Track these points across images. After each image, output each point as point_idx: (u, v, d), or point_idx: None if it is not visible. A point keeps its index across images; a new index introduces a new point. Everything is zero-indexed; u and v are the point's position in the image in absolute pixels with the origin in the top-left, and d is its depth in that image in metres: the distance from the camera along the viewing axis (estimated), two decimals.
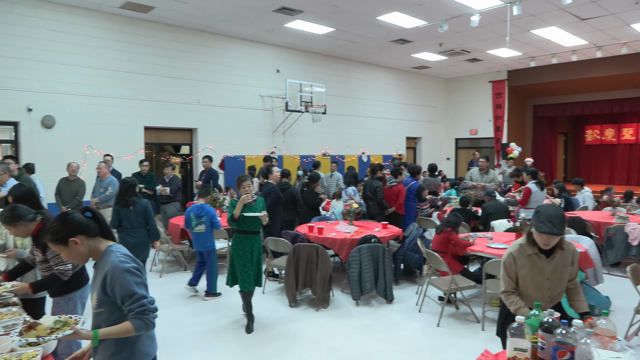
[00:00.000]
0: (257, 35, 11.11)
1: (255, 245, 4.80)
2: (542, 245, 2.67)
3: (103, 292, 2.10)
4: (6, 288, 3.04)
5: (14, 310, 2.92)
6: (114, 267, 2.08)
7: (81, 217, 2.16)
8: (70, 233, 2.10)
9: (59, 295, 3.27)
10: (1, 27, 8.05)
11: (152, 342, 2.28)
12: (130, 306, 2.06)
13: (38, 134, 8.48)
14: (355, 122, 14.12)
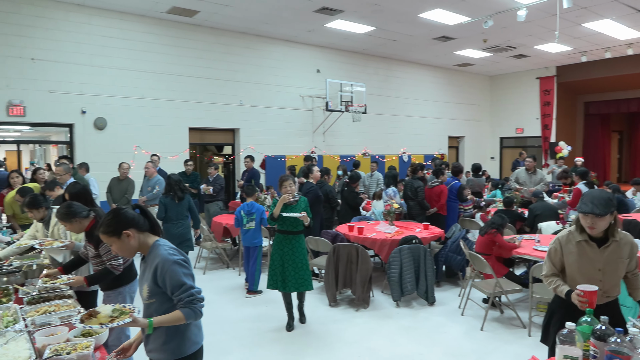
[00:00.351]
0: (297, 36, 11.20)
1: (296, 246, 4.73)
2: (588, 228, 2.57)
3: (154, 284, 2.22)
4: (63, 281, 3.21)
5: (69, 302, 3.08)
6: (164, 260, 2.20)
7: (133, 213, 2.30)
8: (124, 226, 2.23)
9: (110, 289, 3.42)
10: (58, 34, 8.52)
11: (200, 331, 2.38)
12: (180, 296, 2.17)
13: (91, 135, 8.92)
14: (395, 122, 13.97)
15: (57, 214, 3.36)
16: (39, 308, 2.95)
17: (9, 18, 8.07)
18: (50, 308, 2.94)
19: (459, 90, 15.81)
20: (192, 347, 2.31)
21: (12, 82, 8.14)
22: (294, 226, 4.71)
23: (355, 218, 7.32)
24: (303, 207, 4.75)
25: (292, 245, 4.72)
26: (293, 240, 4.73)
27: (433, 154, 14.64)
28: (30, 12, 8.25)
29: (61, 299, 3.18)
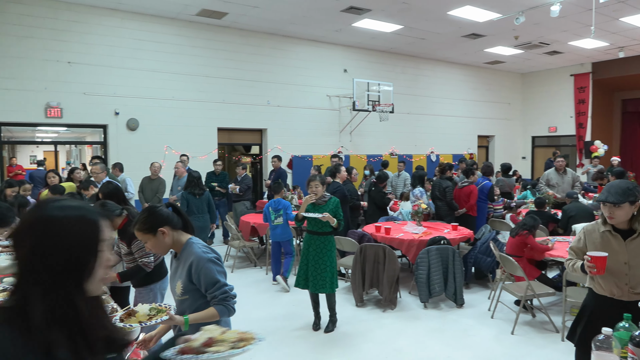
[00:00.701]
0: (325, 36, 11.21)
1: (322, 247, 4.67)
2: (607, 218, 2.58)
3: (189, 281, 2.28)
4: None
5: (103, 297, 3.17)
6: (199, 258, 2.26)
7: (167, 211, 2.36)
8: (159, 223, 2.29)
9: (141, 286, 3.51)
10: (93, 38, 8.80)
11: (229, 328, 2.39)
12: (214, 293, 2.25)
13: (124, 136, 9.17)
14: (423, 121, 13.81)
15: None
16: None
17: (48, 23, 8.38)
18: None
19: (489, 89, 15.49)
20: None
21: (50, 85, 8.46)
22: (319, 227, 4.66)
23: (382, 218, 7.27)
24: (331, 208, 4.66)
25: (316, 245, 4.68)
26: (318, 241, 4.69)
27: (462, 154, 14.39)
28: (67, 17, 8.54)
29: None
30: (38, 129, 11.02)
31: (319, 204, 4.66)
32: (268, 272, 6.94)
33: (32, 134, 14.00)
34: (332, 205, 4.66)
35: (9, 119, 8.29)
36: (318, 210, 4.63)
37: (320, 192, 4.66)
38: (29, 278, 0.96)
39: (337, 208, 4.66)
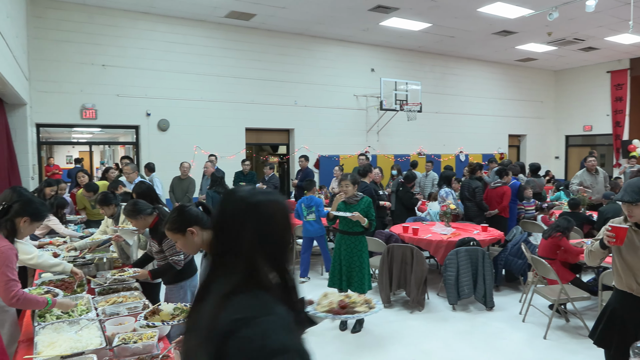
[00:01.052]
0: (352, 35, 11.19)
1: (352, 247, 4.68)
2: (627, 216, 2.63)
3: None
4: (129, 273, 3.43)
5: (135, 294, 3.27)
6: None
7: (197, 210, 2.38)
8: (188, 223, 2.31)
9: (172, 283, 3.58)
10: (126, 41, 9.05)
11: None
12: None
13: (155, 136, 9.39)
14: (452, 120, 13.60)
15: (124, 211, 3.57)
16: (108, 299, 3.15)
17: (84, 28, 8.67)
18: (118, 299, 3.14)
19: (521, 87, 15.12)
20: None
21: (85, 87, 8.74)
22: (350, 226, 4.66)
23: (410, 218, 7.21)
24: (362, 208, 4.61)
25: (347, 245, 4.69)
26: (348, 241, 4.69)
27: (492, 154, 14.10)
28: (101, 21, 8.81)
29: (128, 290, 3.38)
30: (74, 130, 11.40)
31: (350, 203, 4.65)
32: (295, 271, 6.98)
33: (69, 135, 14.51)
34: (364, 205, 4.63)
35: (47, 121, 8.61)
36: (349, 209, 4.62)
37: (351, 191, 4.64)
38: (256, 253, 1.17)
39: (368, 208, 4.62)
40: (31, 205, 2.77)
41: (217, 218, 1.24)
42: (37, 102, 8.32)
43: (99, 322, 2.69)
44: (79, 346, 2.36)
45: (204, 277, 1.23)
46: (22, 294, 2.58)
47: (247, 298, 1.11)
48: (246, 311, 1.07)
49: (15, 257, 2.63)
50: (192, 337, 1.18)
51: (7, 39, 5.49)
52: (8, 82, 5.65)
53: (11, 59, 5.95)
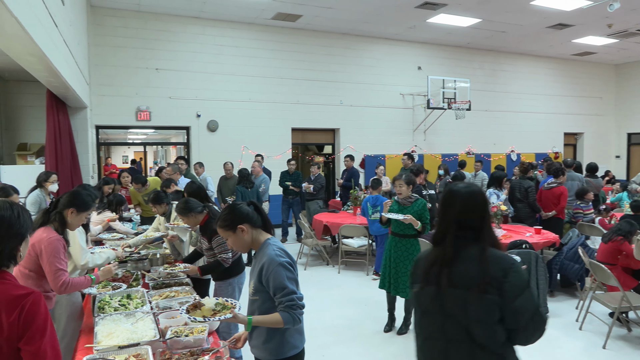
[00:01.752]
0: (398, 34, 11.05)
1: (403, 250, 4.52)
2: None
3: (259, 282, 2.26)
4: (180, 269, 3.56)
5: (186, 289, 3.39)
6: (270, 260, 2.22)
7: (248, 208, 2.37)
8: (239, 221, 2.31)
9: (220, 280, 3.68)
10: (177, 45, 9.39)
11: (300, 335, 2.38)
12: (281, 299, 2.18)
13: (204, 137, 9.69)
14: (503, 118, 13.13)
15: (176, 209, 3.71)
16: (162, 293, 3.28)
17: (139, 34, 9.07)
18: (171, 293, 3.26)
19: (577, 82, 14.36)
20: (291, 350, 2.30)
21: (140, 91, 9.15)
22: (402, 229, 4.49)
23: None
24: (416, 210, 4.46)
25: (399, 248, 4.54)
26: (400, 244, 4.54)
27: (546, 153, 13.50)
28: (155, 26, 9.19)
29: (180, 285, 3.51)
30: (129, 131, 11.95)
31: (404, 205, 4.51)
32: (340, 271, 6.99)
33: (124, 136, 15.22)
34: (418, 207, 4.48)
35: (106, 123, 9.08)
36: (403, 211, 4.48)
37: (405, 192, 4.51)
38: (455, 226, 1.78)
39: (423, 210, 4.47)
40: (77, 197, 2.91)
41: (465, 206, 1.79)
42: (97, 105, 8.79)
43: (153, 315, 2.81)
44: (134, 337, 2.47)
45: (448, 249, 1.76)
46: (69, 280, 2.71)
47: (495, 254, 1.73)
48: (505, 261, 1.70)
49: (62, 247, 2.75)
50: (457, 292, 1.71)
51: (70, 46, 5.84)
52: (71, 87, 6.01)
53: (74, 65, 6.32)
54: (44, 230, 2.77)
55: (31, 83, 7.43)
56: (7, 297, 1.53)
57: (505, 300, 1.65)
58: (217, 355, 2.36)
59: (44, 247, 2.67)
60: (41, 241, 2.69)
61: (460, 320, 1.71)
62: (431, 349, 1.82)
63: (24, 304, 1.53)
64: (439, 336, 1.78)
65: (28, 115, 8.37)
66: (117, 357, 2.22)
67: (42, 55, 4.14)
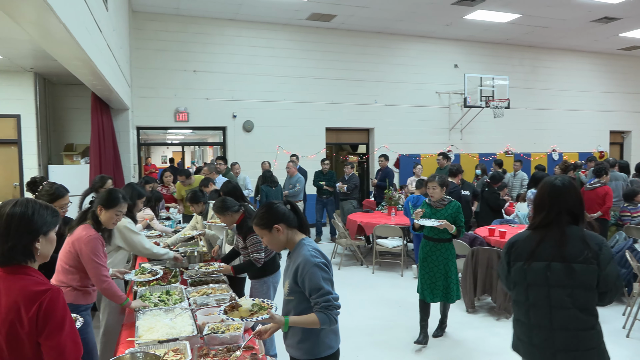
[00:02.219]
0: (434, 31, 10.88)
1: (438, 255, 4.32)
2: None
3: (294, 282, 2.27)
4: (215, 267, 3.64)
5: (223, 286, 3.46)
6: (306, 260, 2.22)
7: (284, 208, 2.37)
8: (275, 220, 2.30)
9: (255, 278, 3.73)
10: (214, 48, 9.59)
11: (336, 335, 2.38)
12: (317, 299, 2.19)
13: (240, 137, 9.85)
14: (543, 116, 12.70)
15: (213, 207, 3.78)
16: (199, 290, 3.36)
17: (178, 37, 9.32)
18: (208, 290, 3.33)
19: (625, 78, 13.70)
20: (326, 350, 2.31)
21: (179, 92, 9.40)
22: (435, 232, 4.30)
23: (496, 221, 6.85)
24: (450, 213, 4.25)
25: (432, 253, 4.34)
26: (434, 248, 4.33)
27: (590, 152, 12.96)
28: (193, 29, 9.42)
29: (216, 283, 3.58)
30: (168, 132, 12.29)
31: (436, 208, 4.31)
32: (375, 272, 6.95)
33: (163, 137, 15.68)
34: (452, 209, 4.26)
35: (146, 124, 9.38)
36: (436, 215, 4.29)
37: (439, 194, 4.28)
38: (563, 213, 2.19)
39: (457, 213, 4.26)
40: (105, 195, 3.02)
41: (574, 197, 2.21)
42: (137, 107, 9.09)
43: (190, 311, 2.88)
44: (173, 332, 2.54)
45: (559, 231, 2.17)
46: (110, 281, 2.85)
47: (590, 233, 2.18)
48: (598, 238, 2.15)
49: (101, 245, 2.87)
50: (566, 265, 2.12)
51: (113, 50, 6.06)
52: (114, 90, 6.24)
53: (117, 68, 6.56)
54: (82, 228, 2.90)
55: (77, 86, 7.76)
56: (26, 293, 1.58)
57: (599, 268, 2.09)
58: (252, 352, 2.40)
59: (83, 245, 2.80)
60: (80, 239, 2.82)
61: (565, 288, 2.13)
62: (536, 314, 2.22)
63: (42, 300, 1.57)
64: (543, 303, 2.19)
65: (74, 117, 8.76)
66: (157, 351, 2.29)
67: (87, 59, 4.32)
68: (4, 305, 1.59)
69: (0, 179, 7.48)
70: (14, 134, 7.59)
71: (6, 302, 1.58)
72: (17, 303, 1.57)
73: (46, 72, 7.62)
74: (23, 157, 7.66)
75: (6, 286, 1.61)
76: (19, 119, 7.57)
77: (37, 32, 3.49)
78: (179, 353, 2.35)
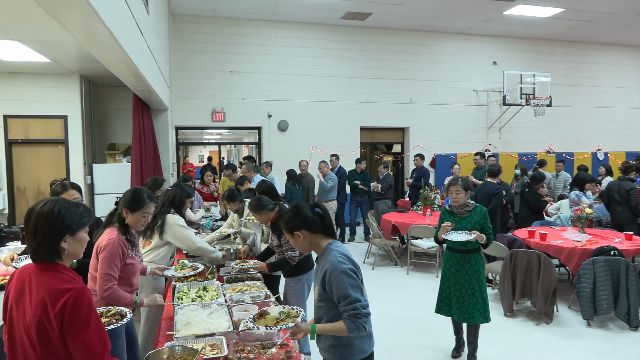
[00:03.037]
0: (472, 28, 10.63)
1: (466, 268, 3.81)
2: None
3: (322, 289, 2.23)
4: (250, 265, 3.69)
5: (258, 284, 3.50)
6: (333, 267, 2.18)
7: (308, 213, 2.32)
8: (296, 226, 2.30)
9: (290, 277, 3.76)
10: (250, 48, 9.73)
11: (369, 339, 2.35)
12: (345, 307, 2.15)
13: (275, 136, 9.95)
14: (588, 114, 12.19)
15: (249, 206, 3.84)
16: (235, 287, 3.42)
17: (215, 38, 9.51)
18: (243, 287, 3.38)
19: None
20: (359, 354, 2.28)
21: (216, 92, 9.59)
22: (462, 243, 3.76)
23: (536, 222, 6.63)
24: (477, 220, 3.77)
25: (460, 267, 3.83)
26: (462, 261, 3.83)
27: (639, 151, 12.34)
28: (230, 31, 9.59)
29: (252, 280, 3.63)
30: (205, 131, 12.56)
31: (460, 215, 3.82)
32: (409, 272, 6.87)
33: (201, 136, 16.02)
34: (479, 216, 3.78)
35: (184, 124, 9.62)
36: (460, 223, 3.81)
37: (463, 199, 3.81)
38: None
39: (484, 219, 3.77)
40: (129, 197, 2.82)
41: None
42: (176, 107, 9.34)
43: (227, 307, 2.93)
44: (210, 328, 2.60)
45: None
46: (114, 291, 2.58)
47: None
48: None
49: (122, 250, 2.66)
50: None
51: (153, 52, 6.25)
52: (154, 91, 6.44)
53: (157, 70, 6.76)
54: (108, 231, 2.75)
55: (120, 88, 8.05)
56: (52, 290, 1.63)
57: None
58: (287, 349, 2.42)
59: (103, 247, 2.66)
60: (102, 242, 2.67)
61: None
62: None
63: (67, 298, 1.61)
64: None
65: (117, 118, 9.08)
66: (194, 345, 2.34)
67: (129, 61, 4.47)
68: (34, 301, 1.64)
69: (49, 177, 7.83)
70: (62, 134, 7.95)
71: (36, 298, 1.64)
72: (44, 300, 1.62)
73: (91, 75, 7.93)
74: (69, 156, 8.01)
75: (37, 282, 1.67)
76: (66, 120, 7.91)
77: (83, 36, 3.64)
78: (216, 348, 2.40)
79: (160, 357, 2.23)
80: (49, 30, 4.80)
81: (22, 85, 7.67)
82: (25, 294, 1.69)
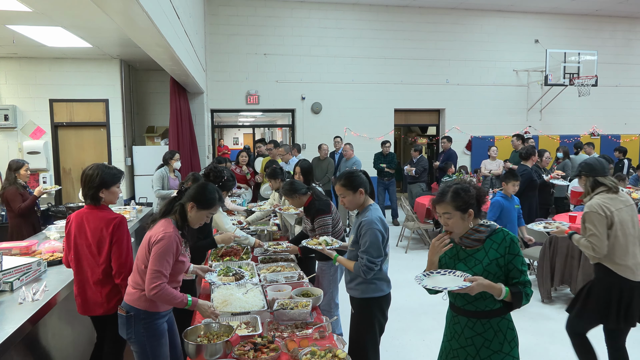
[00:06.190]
0: (513, 5, 10.20)
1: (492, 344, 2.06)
2: None
3: (356, 236, 2.75)
4: (283, 247, 3.73)
5: (291, 265, 3.56)
6: (370, 222, 2.69)
7: (364, 177, 2.87)
8: (359, 185, 2.79)
9: (323, 260, 3.78)
10: (284, 30, 9.70)
11: (388, 283, 2.82)
12: (361, 255, 2.68)
13: (308, 119, 9.96)
14: (638, 94, 11.55)
15: (282, 190, 3.87)
16: (269, 267, 3.49)
17: (249, 21, 9.53)
18: (277, 268, 3.45)
19: None
20: (377, 292, 2.75)
21: (250, 75, 9.65)
22: (469, 299, 2.12)
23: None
24: (496, 256, 2.05)
25: (473, 341, 2.14)
26: (473, 329, 2.15)
27: None
28: (264, 13, 9.58)
29: (285, 261, 3.69)
30: (240, 114, 12.69)
31: (466, 248, 2.15)
32: None
33: (235, 119, 16.21)
34: (501, 248, 2.06)
35: (219, 107, 9.75)
36: (468, 263, 2.13)
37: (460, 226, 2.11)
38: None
39: (512, 254, 2.04)
40: (201, 193, 2.51)
41: None
42: (212, 90, 9.47)
43: (261, 287, 3.00)
44: (245, 306, 2.68)
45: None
46: (162, 289, 2.29)
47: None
48: None
49: (175, 248, 2.37)
50: None
51: (190, 36, 6.33)
52: (191, 74, 6.55)
53: (193, 53, 6.86)
54: (163, 223, 2.42)
55: (158, 72, 8.23)
56: (106, 219, 2.65)
57: None
58: (320, 329, 2.46)
59: (158, 240, 2.33)
60: (157, 234, 2.35)
61: None
62: None
63: (115, 222, 2.65)
64: None
65: (155, 101, 9.31)
66: (230, 323, 2.42)
67: (167, 45, 4.55)
68: (92, 228, 2.65)
69: (92, 159, 8.17)
70: (103, 117, 8.23)
71: (93, 225, 2.65)
72: (100, 225, 2.64)
73: (130, 59, 8.14)
74: (111, 138, 8.30)
75: (92, 217, 2.68)
76: (107, 103, 8.18)
77: (123, 21, 3.73)
78: (250, 326, 2.48)
79: (197, 333, 2.32)
80: (90, 16, 4.94)
81: (66, 70, 7.96)
82: (84, 224, 2.67)
